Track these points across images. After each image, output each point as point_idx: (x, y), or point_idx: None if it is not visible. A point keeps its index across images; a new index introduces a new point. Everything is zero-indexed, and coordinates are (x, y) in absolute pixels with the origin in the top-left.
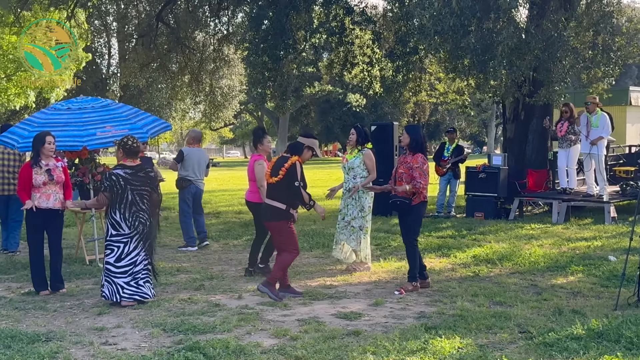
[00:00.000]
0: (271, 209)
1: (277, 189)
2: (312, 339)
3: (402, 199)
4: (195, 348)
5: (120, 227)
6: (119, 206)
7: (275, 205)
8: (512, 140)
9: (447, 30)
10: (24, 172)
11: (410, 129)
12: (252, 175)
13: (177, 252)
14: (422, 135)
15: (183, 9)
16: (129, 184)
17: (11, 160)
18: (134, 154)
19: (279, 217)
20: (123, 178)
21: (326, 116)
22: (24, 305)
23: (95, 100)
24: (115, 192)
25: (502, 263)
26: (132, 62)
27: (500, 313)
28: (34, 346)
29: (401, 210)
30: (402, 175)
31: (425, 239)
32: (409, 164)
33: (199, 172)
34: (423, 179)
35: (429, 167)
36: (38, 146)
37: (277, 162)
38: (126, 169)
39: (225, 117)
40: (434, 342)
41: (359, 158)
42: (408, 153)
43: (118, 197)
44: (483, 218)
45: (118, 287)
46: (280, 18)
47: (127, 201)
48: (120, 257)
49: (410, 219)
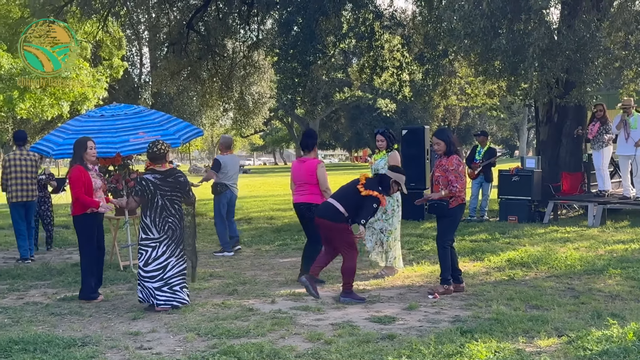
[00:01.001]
0: (334, 210)
1: (351, 196)
2: (347, 343)
3: (440, 201)
4: (230, 352)
5: (150, 231)
6: (149, 210)
7: (340, 210)
8: (546, 142)
9: (478, 32)
10: (82, 175)
11: (440, 135)
12: (309, 177)
13: (210, 258)
14: (452, 137)
15: (213, 17)
16: (158, 189)
17: (29, 166)
18: (159, 159)
19: (340, 219)
20: (152, 183)
21: (356, 122)
22: (59, 310)
23: (128, 107)
24: (145, 196)
25: (538, 266)
26: (163, 70)
27: (537, 316)
28: (70, 351)
29: (440, 213)
30: (438, 178)
31: (458, 242)
32: (444, 167)
33: (235, 177)
34: (459, 182)
35: (464, 168)
36: (81, 152)
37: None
38: (155, 173)
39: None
40: (470, 346)
41: (384, 159)
42: (443, 156)
43: (148, 202)
44: (517, 222)
45: (150, 292)
46: (309, 23)
47: (157, 206)
48: (147, 261)
49: (447, 221)
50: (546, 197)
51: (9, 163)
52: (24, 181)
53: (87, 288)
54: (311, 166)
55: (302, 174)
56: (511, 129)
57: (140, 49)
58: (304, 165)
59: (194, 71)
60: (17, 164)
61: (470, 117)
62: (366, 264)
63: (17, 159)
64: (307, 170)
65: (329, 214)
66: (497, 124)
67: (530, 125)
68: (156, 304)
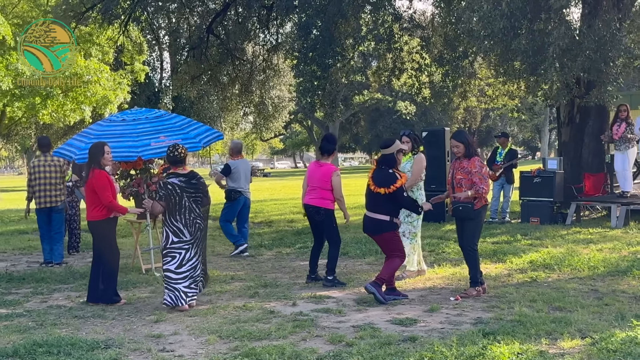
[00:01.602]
0: (376, 222)
1: (383, 201)
2: (368, 345)
3: (465, 204)
4: (251, 354)
5: (183, 234)
6: (179, 214)
7: (380, 218)
8: (567, 143)
9: (497, 32)
10: (108, 180)
11: (458, 136)
12: (324, 183)
13: (230, 261)
14: (470, 138)
15: (233, 21)
16: (184, 191)
17: (52, 172)
18: (177, 162)
19: (386, 228)
20: (179, 186)
21: (376, 124)
22: (83, 313)
23: (149, 111)
24: (172, 200)
25: (560, 268)
26: (184, 75)
27: (560, 318)
28: (93, 353)
29: (465, 215)
30: (461, 181)
31: (479, 244)
32: (466, 169)
33: (245, 182)
34: (484, 184)
35: (487, 170)
36: (98, 156)
37: (380, 174)
38: (180, 177)
39: (275, 127)
40: (493, 348)
41: (410, 162)
42: (463, 158)
43: (177, 205)
44: (539, 223)
45: (181, 293)
46: (328, 26)
47: (185, 208)
48: (181, 263)
49: (474, 223)
50: (568, 198)
51: (33, 169)
52: (47, 187)
53: (112, 292)
54: (327, 172)
55: (317, 177)
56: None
57: (160, 53)
58: (320, 169)
59: (214, 75)
60: (41, 170)
61: (491, 119)
62: None
63: (41, 165)
64: (323, 176)
65: (375, 228)
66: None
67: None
68: (187, 302)
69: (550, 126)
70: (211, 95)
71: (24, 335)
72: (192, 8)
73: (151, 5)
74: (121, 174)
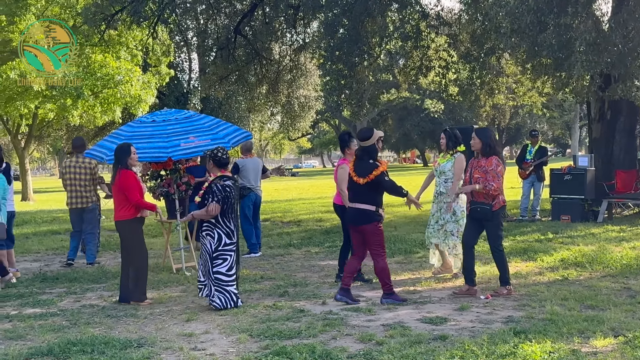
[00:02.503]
0: (361, 212)
1: (366, 191)
2: (398, 343)
3: (483, 205)
4: (282, 353)
5: (234, 236)
6: (231, 216)
7: (365, 208)
8: (598, 140)
9: (524, 28)
10: (136, 180)
11: (480, 133)
12: None
13: (260, 260)
14: (492, 137)
15: (260, 21)
16: (236, 193)
17: (82, 173)
18: (224, 165)
19: (371, 219)
20: (234, 189)
21: (404, 123)
22: (115, 312)
23: (179, 112)
24: (229, 202)
25: (592, 266)
26: (212, 75)
27: (593, 317)
28: (126, 352)
29: (483, 217)
30: (478, 179)
31: (510, 243)
32: (483, 168)
33: (255, 180)
34: (495, 181)
35: (504, 169)
36: (125, 157)
37: (361, 165)
38: (230, 179)
39: (303, 127)
40: (524, 347)
41: (450, 162)
42: (481, 157)
43: (231, 207)
44: (570, 221)
45: (232, 295)
46: (355, 25)
47: (234, 211)
48: (231, 265)
49: (493, 224)
50: (600, 195)
51: (65, 170)
52: (78, 188)
53: (140, 291)
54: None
55: (334, 176)
56: (562, 127)
57: (189, 54)
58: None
59: (242, 75)
60: (71, 171)
61: (520, 117)
62: (417, 265)
63: (72, 166)
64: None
65: (358, 219)
66: (548, 123)
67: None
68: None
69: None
70: (239, 96)
71: (59, 334)
72: (219, 9)
73: (179, 7)
74: (151, 175)
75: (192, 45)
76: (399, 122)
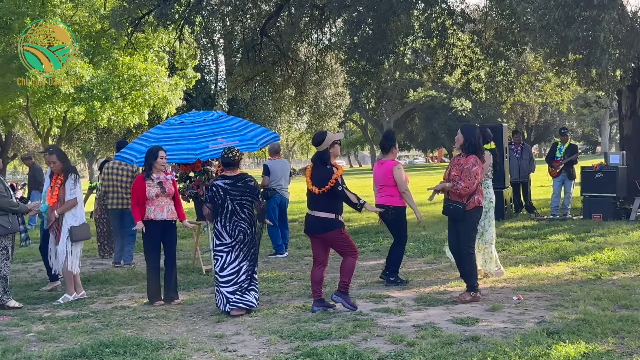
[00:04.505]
0: (320, 221)
1: (323, 199)
2: (430, 344)
3: (456, 204)
4: (313, 354)
5: (222, 237)
6: (220, 216)
7: (324, 216)
8: (630, 137)
9: (552, 23)
10: (137, 185)
11: (466, 130)
12: (387, 180)
13: (289, 261)
14: (477, 136)
15: (285, 22)
16: (228, 194)
17: (124, 175)
18: (231, 165)
19: (332, 226)
20: (222, 188)
21: (431, 122)
22: (147, 314)
23: (207, 113)
24: (216, 202)
25: (626, 265)
26: (238, 77)
27: (627, 317)
28: (158, 353)
29: (455, 216)
30: (454, 177)
31: (541, 242)
32: (461, 166)
33: (283, 181)
34: (465, 181)
35: (480, 169)
36: (151, 160)
37: (317, 172)
38: (226, 179)
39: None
40: (558, 347)
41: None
42: (462, 154)
43: (219, 208)
44: (602, 220)
45: (225, 296)
46: (380, 23)
47: (227, 211)
48: (223, 266)
49: (466, 224)
50: (632, 193)
51: (107, 171)
52: (118, 189)
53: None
54: (388, 168)
55: (380, 176)
56: (592, 125)
57: (215, 56)
58: (382, 167)
59: (268, 76)
60: (113, 172)
61: (549, 114)
62: (446, 265)
63: (115, 167)
64: (385, 173)
65: (318, 227)
66: (578, 120)
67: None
68: (230, 309)
69: (610, 120)
70: (265, 97)
71: (91, 335)
72: (245, 11)
73: (206, 9)
74: (180, 177)
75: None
76: (426, 121)
